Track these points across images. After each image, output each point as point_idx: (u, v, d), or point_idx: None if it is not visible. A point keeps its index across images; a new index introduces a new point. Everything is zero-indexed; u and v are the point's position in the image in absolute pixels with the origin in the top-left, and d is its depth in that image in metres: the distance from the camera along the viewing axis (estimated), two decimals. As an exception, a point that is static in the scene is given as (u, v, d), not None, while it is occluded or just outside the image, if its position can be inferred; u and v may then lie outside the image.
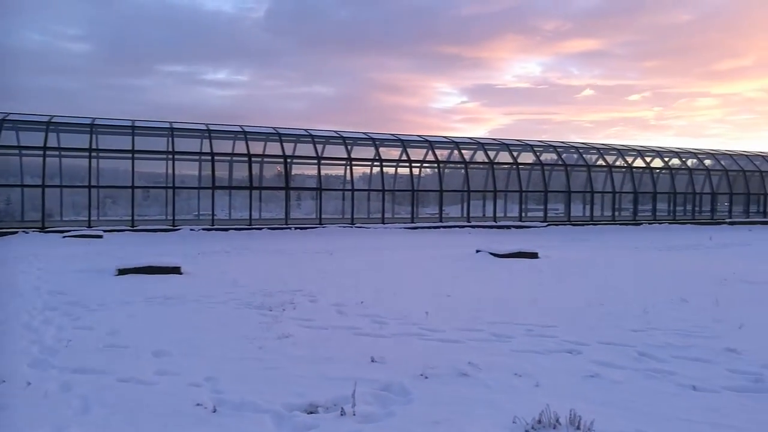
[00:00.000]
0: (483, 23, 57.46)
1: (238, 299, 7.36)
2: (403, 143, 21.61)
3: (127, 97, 57.32)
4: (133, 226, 16.98)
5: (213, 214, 18.40)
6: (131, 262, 9.47)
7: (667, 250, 14.57)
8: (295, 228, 18.24)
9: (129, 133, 18.02)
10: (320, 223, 19.03)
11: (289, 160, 20.31)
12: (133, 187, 17.47)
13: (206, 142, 19.10)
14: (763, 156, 27.70)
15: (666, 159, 25.33)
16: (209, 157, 18.63)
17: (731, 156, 27.01)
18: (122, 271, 9.13)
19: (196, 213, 20.67)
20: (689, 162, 25.92)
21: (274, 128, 20.58)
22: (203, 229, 17.32)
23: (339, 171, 22.52)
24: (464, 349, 5.21)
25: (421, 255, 12.44)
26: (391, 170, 23.52)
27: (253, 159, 19.33)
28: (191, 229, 17.18)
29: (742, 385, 4.33)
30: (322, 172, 20.56)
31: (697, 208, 25.39)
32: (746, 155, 27.40)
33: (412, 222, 20.32)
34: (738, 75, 59.93)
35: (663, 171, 24.87)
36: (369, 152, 21.41)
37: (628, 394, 4.11)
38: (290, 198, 20.01)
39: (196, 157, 20.07)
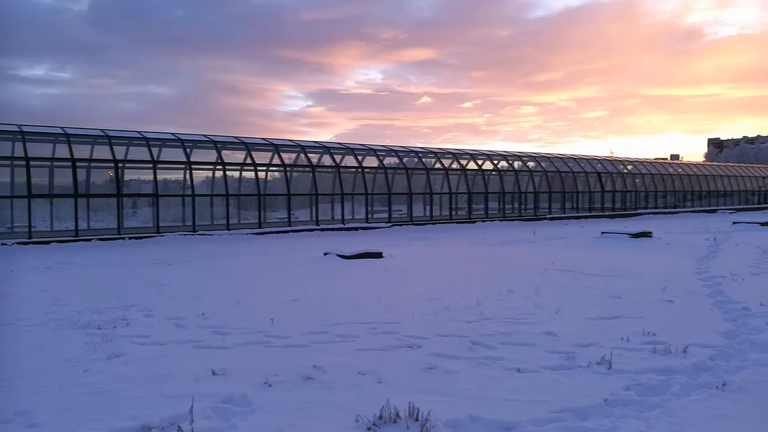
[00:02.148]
0: (324, 29, 58.28)
1: (61, 319, 6.62)
2: (248, 146, 21.06)
3: None
4: (-75, 243, 14.52)
5: (30, 226, 16.36)
6: None
7: (498, 245, 15.87)
8: (130, 238, 16.90)
9: None
10: (158, 232, 17.83)
11: (120, 165, 18.75)
12: (-76, 198, 14.94)
13: (19, 145, 16.92)
14: (574, 158, 31.39)
15: (495, 162, 27.63)
16: (23, 162, 16.52)
17: (549, 159, 30.23)
18: None
19: (9, 225, 18.23)
20: (515, 164, 28.52)
21: (102, 130, 18.88)
22: (18, 243, 15.34)
23: (178, 176, 21.32)
24: (310, 352, 5.20)
25: (269, 260, 12.22)
26: (236, 174, 22.79)
27: (78, 164, 17.53)
28: (3, 244, 15.13)
29: (558, 364, 4.85)
30: (160, 177, 19.28)
31: (523, 206, 28.02)
32: (561, 158, 30.86)
33: (260, 227, 19.86)
34: (551, 86, 67.62)
35: (493, 173, 27.08)
36: (211, 156, 20.52)
37: (462, 382, 4.39)
38: (123, 206, 18.49)
39: (7, 162, 17.70)
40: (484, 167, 26.75)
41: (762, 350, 5.23)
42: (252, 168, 20.84)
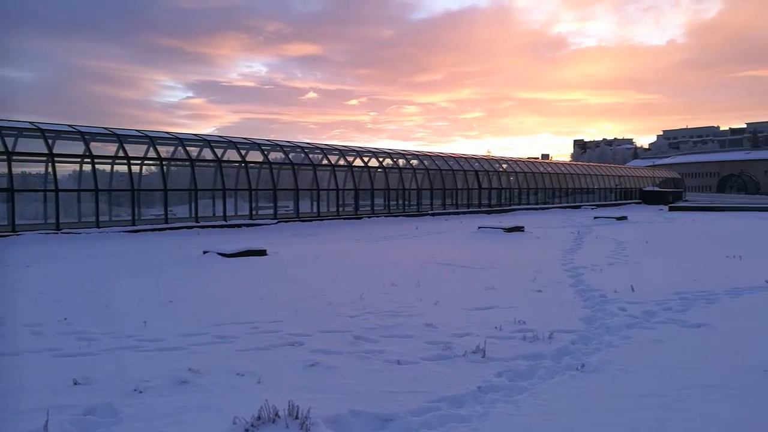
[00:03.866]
0: (204, 18, 55.97)
1: None
2: (120, 138, 19.64)
3: None
4: None
5: None
6: None
7: (382, 240, 16.15)
8: (-20, 237, 15.12)
9: None
10: (14, 231, 16.10)
11: (-33, 156, 16.70)
12: None
13: None
14: (454, 157, 32.73)
15: (381, 159, 28.09)
16: None
17: (431, 157, 31.28)
18: None
19: None
20: (399, 162, 29.19)
21: (-56, 116, 16.70)
22: None
23: (39, 169, 19.41)
24: (185, 355, 4.96)
25: (143, 260, 11.49)
26: (107, 168, 21.18)
27: None
28: None
29: (436, 354, 5.01)
30: (17, 170, 17.41)
31: (407, 202, 28.74)
32: (442, 156, 32.05)
33: (134, 225, 18.62)
34: (432, 87, 70.15)
35: (378, 170, 27.52)
36: (78, 148, 18.89)
37: (344, 377, 4.40)
38: (-29, 201, 16.50)
39: None
40: (370, 164, 27.10)
41: (614, 333, 5.77)
42: (125, 161, 19.49)
